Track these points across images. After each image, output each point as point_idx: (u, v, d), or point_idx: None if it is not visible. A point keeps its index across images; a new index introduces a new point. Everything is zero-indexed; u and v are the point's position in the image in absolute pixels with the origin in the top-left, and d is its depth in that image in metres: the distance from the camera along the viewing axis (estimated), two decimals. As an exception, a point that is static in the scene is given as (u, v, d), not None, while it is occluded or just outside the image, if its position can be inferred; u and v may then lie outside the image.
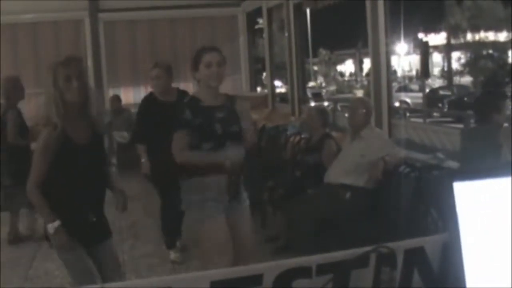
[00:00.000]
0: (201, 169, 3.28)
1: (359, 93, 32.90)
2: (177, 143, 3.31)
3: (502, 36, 30.78)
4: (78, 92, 2.75)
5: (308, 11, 21.45)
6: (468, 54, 32.40)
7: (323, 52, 42.55)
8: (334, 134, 5.37)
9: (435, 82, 33.81)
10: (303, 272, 1.47)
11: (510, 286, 1.34)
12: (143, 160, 4.82)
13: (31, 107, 8.15)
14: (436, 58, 37.05)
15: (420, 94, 25.06)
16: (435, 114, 19.36)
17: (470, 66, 32.07)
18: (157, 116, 4.56)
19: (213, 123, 3.29)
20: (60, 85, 2.74)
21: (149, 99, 4.94)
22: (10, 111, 5.27)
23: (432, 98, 24.58)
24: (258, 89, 14.93)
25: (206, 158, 3.29)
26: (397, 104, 19.68)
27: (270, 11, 9.58)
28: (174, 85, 4.94)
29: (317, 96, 25.25)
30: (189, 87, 5.92)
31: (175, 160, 3.36)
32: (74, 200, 2.83)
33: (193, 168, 3.31)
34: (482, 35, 31.36)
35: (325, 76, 42.92)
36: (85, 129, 2.86)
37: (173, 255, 4.89)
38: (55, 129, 2.76)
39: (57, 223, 2.76)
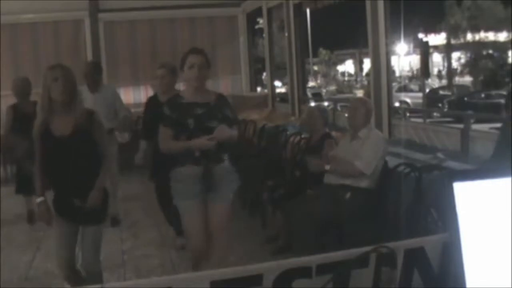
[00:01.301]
0: (182, 159, 3.57)
1: (359, 93, 32.87)
2: (160, 135, 3.65)
3: (502, 36, 30.75)
4: (62, 91, 3.22)
5: (308, 11, 21.40)
6: (468, 54, 32.39)
7: (323, 52, 42.54)
8: (334, 134, 5.36)
9: (435, 82, 33.81)
10: (303, 272, 1.47)
11: (510, 286, 1.34)
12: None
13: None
14: (436, 58, 37.03)
15: (420, 94, 25.06)
16: (435, 114, 19.37)
17: (470, 66, 32.06)
18: (157, 116, 4.60)
19: (187, 118, 3.55)
20: (48, 85, 3.23)
21: (151, 100, 5.21)
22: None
23: (432, 98, 24.58)
24: (258, 89, 14.91)
25: (184, 145, 3.55)
26: (397, 104, 19.70)
27: (270, 11, 9.57)
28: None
29: (317, 96, 25.22)
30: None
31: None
32: (59, 185, 3.34)
33: (176, 156, 3.61)
34: (482, 35, 31.33)
35: (325, 76, 42.89)
36: (67, 124, 3.27)
37: (179, 241, 5.02)
38: (39, 120, 3.31)
39: (41, 198, 3.33)
